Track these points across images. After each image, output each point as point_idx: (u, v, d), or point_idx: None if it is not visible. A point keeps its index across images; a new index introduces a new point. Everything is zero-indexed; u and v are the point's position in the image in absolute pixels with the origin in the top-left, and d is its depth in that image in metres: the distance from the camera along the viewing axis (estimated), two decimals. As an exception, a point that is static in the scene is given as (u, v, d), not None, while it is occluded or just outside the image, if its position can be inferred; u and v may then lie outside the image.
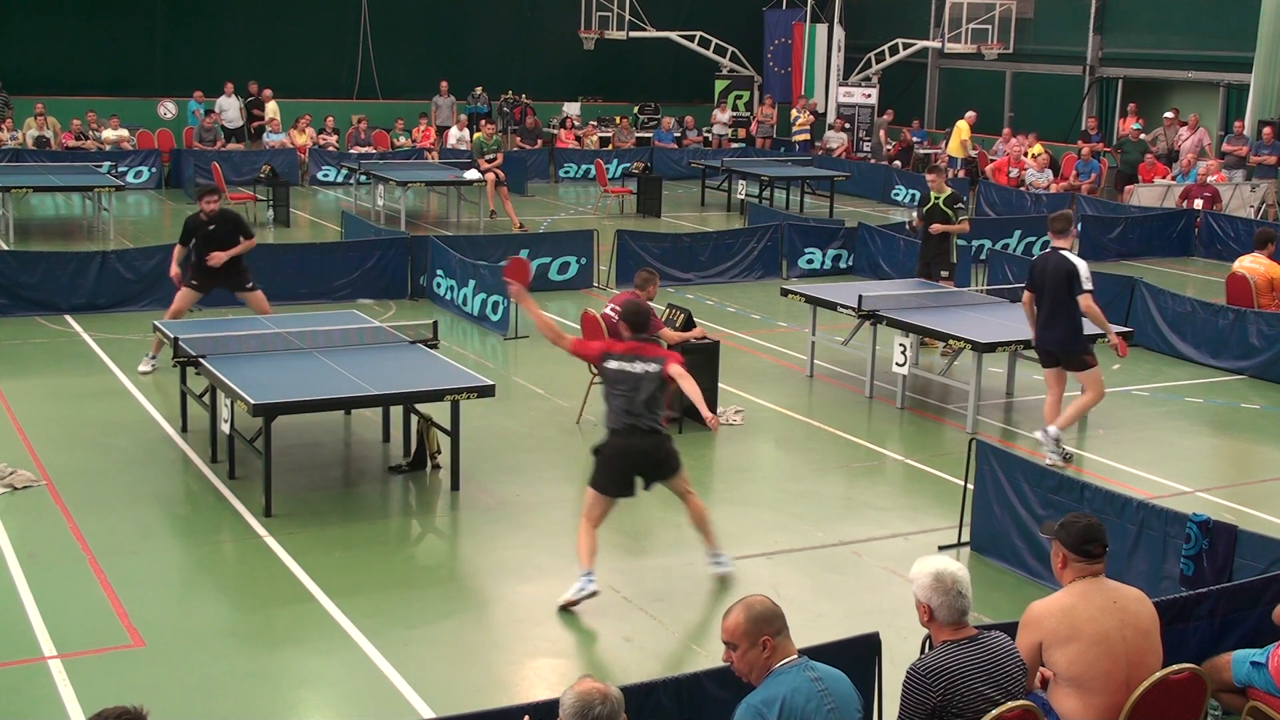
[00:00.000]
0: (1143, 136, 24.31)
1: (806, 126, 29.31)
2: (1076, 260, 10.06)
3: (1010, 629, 5.35)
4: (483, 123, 24.23)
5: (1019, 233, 19.40)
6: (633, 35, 30.52)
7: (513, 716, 4.83)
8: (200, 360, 9.50)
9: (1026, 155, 25.11)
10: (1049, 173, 24.60)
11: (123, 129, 25.77)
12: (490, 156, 21.37)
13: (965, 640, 4.94)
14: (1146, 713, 5.13)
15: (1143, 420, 11.57)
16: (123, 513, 8.79)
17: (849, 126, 30.08)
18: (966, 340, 11.02)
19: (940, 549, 8.43)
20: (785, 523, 9.01)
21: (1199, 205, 21.01)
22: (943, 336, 11.42)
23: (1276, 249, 14.12)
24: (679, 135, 30.13)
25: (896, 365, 11.66)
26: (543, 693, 6.46)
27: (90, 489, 9.18)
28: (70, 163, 22.92)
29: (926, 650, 5.17)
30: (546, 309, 15.27)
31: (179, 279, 12.34)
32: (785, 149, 29.03)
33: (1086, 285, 9.95)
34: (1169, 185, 22.53)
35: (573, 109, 30.46)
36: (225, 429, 9.37)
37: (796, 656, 4.62)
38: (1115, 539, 6.50)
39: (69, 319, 14.18)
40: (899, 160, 27.63)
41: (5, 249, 16.98)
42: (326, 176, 25.51)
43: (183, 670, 6.73)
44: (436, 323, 10.65)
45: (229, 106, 26.63)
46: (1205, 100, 26.13)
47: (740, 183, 23.74)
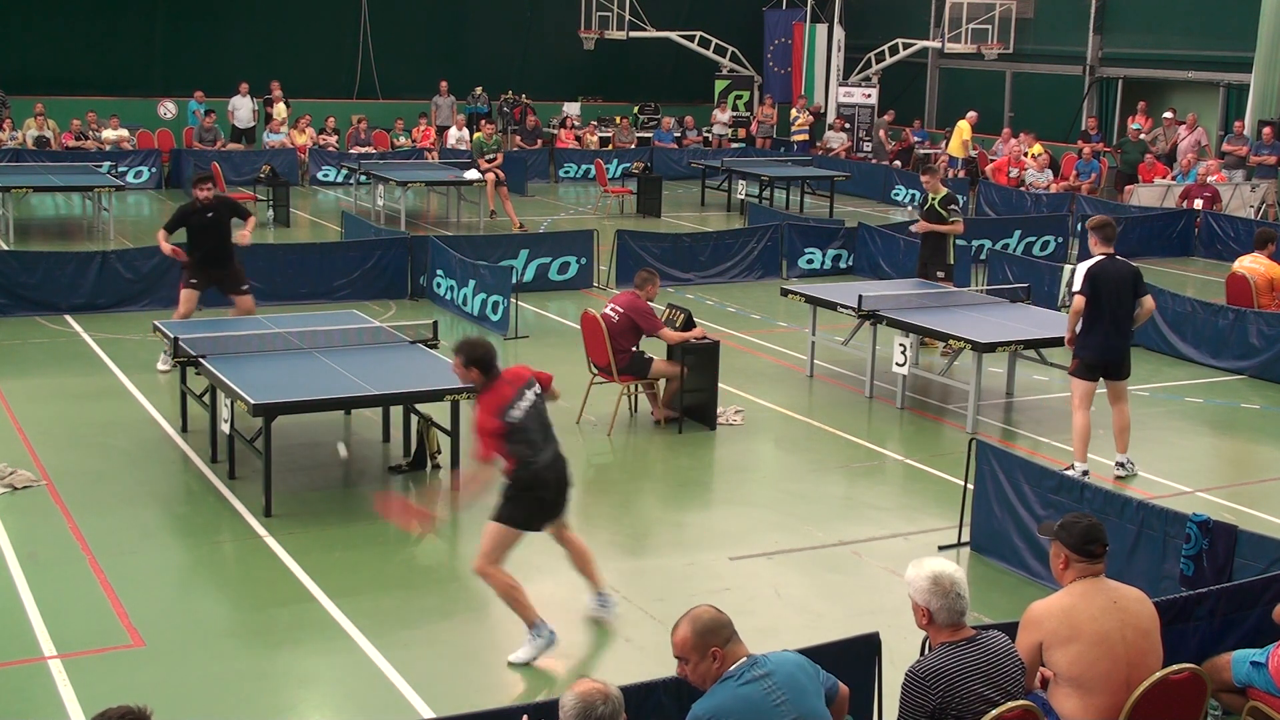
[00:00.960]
0: (1142, 136, 24.32)
1: (805, 127, 29.32)
2: (1132, 264, 9.84)
3: (1010, 629, 5.35)
4: (483, 123, 24.24)
5: (1019, 233, 19.39)
6: (633, 35, 30.52)
7: (513, 716, 4.83)
8: (200, 360, 9.50)
9: (1026, 155, 25.11)
10: (1049, 173, 24.61)
11: (123, 129, 25.78)
12: (490, 156, 21.38)
13: (964, 641, 4.94)
14: (1146, 713, 5.13)
15: (1143, 420, 11.56)
16: (122, 513, 8.79)
17: (849, 126, 30.08)
18: (966, 340, 11.02)
19: (940, 549, 8.44)
20: (785, 523, 9.01)
21: (1199, 205, 21.01)
22: (943, 336, 11.42)
23: (1276, 249, 14.12)
24: (679, 135, 30.13)
25: (896, 365, 11.67)
26: (543, 693, 6.47)
27: (90, 489, 9.18)
28: (70, 163, 22.93)
29: (925, 651, 5.17)
30: (547, 309, 15.48)
31: (178, 253, 12.46)
32: (785, 149, 29.04)
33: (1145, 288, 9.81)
34: (1169, 185, 22.54)
35: (573, 109, 30.46)
36: (225, 429, 9.37)
37: (743, 659, 4.63)
38: (1115, 539, 6.50)
39: (69, 319, 14.18)
40: (899, 160, 27.64)
41: (5, 249, 16.99)
42: (326, 176, 25.52)
43: (183, 670, 6.73)
44: (436, 323, 10.66)
45: (241, 106, 26.60)
46: (1205, 100, 26.13)
47: (740, 183, 23.75)
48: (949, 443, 10.78)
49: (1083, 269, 9.70)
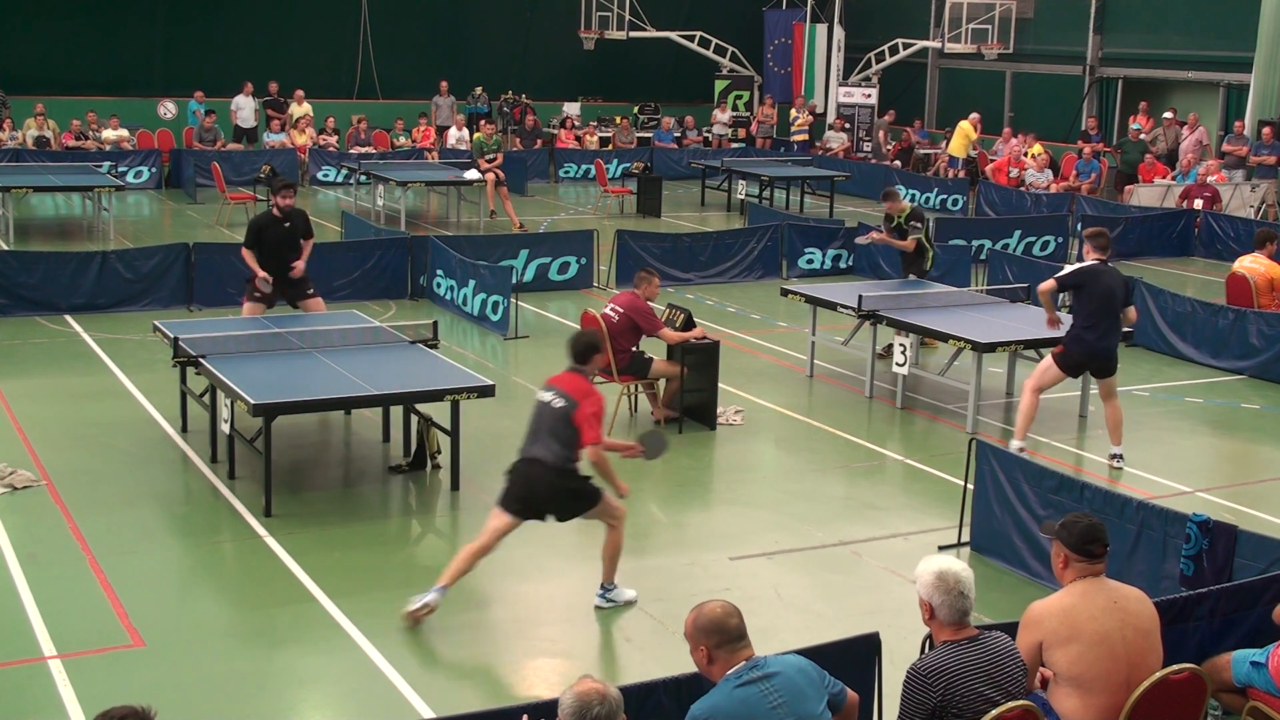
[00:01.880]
0: (1143, 137, 24.32)
1: (805, 127, 29.32)
2: (1122, 274, 10.38)
3: (1010, 629, 5.35)
4: (482, 123, 24.23)
5: (1019, 233, 19.39)
6: (633, 35, 30.51)
7: (512, 716, 4.83)
8: (200, 360, 9.50)
9: (1026, 155, 25.11)
10: (1049, 173, 24.61)
11: (123, 129, 25.76)
12: (490, 156, 21.38)
13: (965, 640, 4.94)
14: (1147, 713, 5.14)
15: (1143, 420, 11.56)
16: (122, 513, 8.79)
17: (849, 126, 30.08)
18: (966, 340, 11.02)
19: (940, 549, 8.43)
20: (785, 523, 9.01)
21: (1199, 205, 21.01)
22: (943, 336, 11.42)
23: (1276, 249, 14.13)
24: (679, 135, 30.13)
25: (896, 365, 11.67)
26: (543, 693, 6.47)
27: (90, 489, 9.17)
28: (70, 163, 22.91)
29: (926, 650, 5.17)
30: (547, 309, 15.49)
31: (261, 284, 11.53)
32: (785, 149, 29.04)
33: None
34: (1169, 185, 22.54)
35: (573, 109, 30.46)
36: (225, 429, 9.37)
37: (745, 660, 4.65)
38: (1115, 539, 6.50)
39: (69, 319, 14.17)
40: (899, 160, 27.63)
41: (5, 249, 16.97)
42: (327, 176, 25.51)
43: (183, 670, 6.73)
44: (436, 323, 10.65)
45: (244, 106, 26.60)
46: (1205, 100, 26.13)
47: (740, 183, 23.74)
48: (949, 443, 10.78)
49: (1076, 265, 10.32)
